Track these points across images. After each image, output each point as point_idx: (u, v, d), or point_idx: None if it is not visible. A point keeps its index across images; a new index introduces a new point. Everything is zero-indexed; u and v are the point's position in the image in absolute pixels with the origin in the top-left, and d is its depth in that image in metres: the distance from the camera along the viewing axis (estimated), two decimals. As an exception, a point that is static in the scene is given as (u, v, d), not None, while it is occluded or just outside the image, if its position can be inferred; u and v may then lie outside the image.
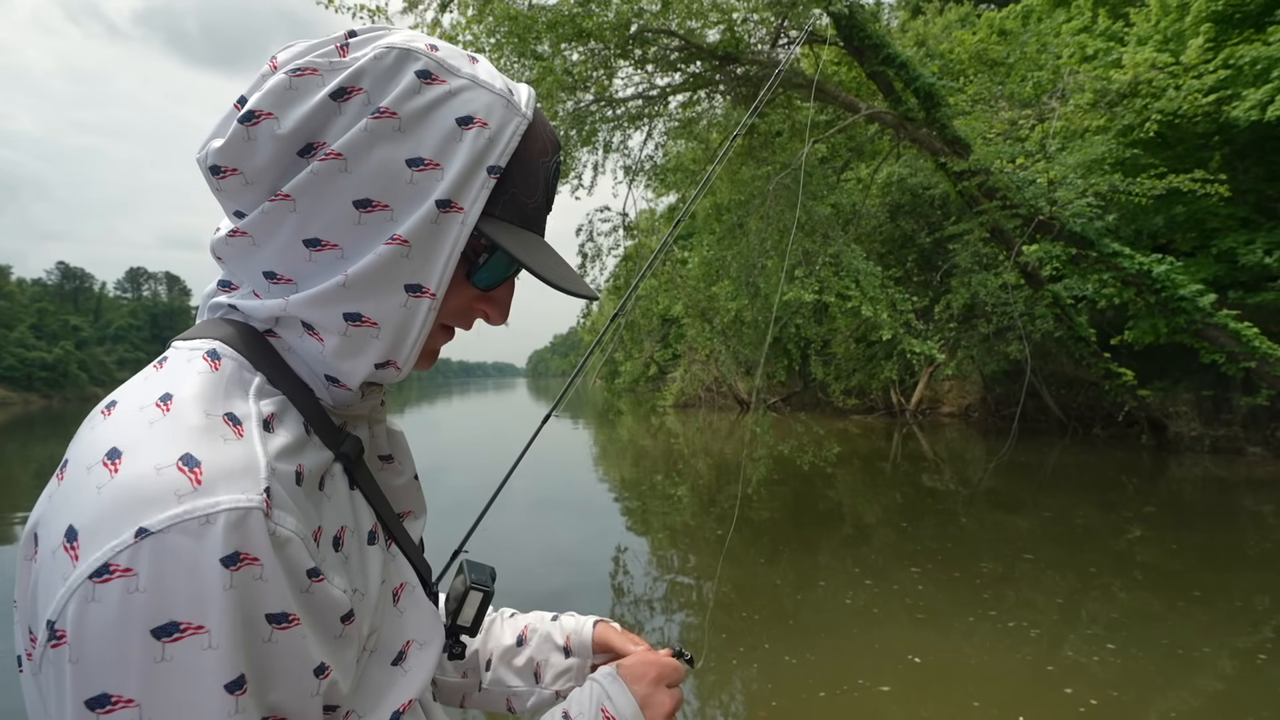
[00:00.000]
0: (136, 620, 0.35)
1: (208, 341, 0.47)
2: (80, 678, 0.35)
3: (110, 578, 0.35)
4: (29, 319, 70.28)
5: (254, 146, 0.46)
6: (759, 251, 6.80)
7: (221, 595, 0.36)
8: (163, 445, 0.39)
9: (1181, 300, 8.31)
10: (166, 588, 0.35)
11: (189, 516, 0.36)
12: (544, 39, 6.77)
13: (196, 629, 0.36)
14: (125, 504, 0.36)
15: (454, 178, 0.47)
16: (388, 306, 0.48)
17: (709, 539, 6.67)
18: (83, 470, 0.39)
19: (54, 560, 0.37)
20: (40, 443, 20.88)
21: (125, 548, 0.35)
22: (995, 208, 8.12)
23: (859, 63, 8.97)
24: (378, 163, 0.46)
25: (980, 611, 4.33)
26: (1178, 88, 8.39)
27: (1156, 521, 7.03)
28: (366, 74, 0.46)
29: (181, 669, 0.35)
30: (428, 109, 0.47)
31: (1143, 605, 4.48)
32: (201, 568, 0.36)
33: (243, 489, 0.39)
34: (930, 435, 15.14)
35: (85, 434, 0.42)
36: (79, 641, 0.35)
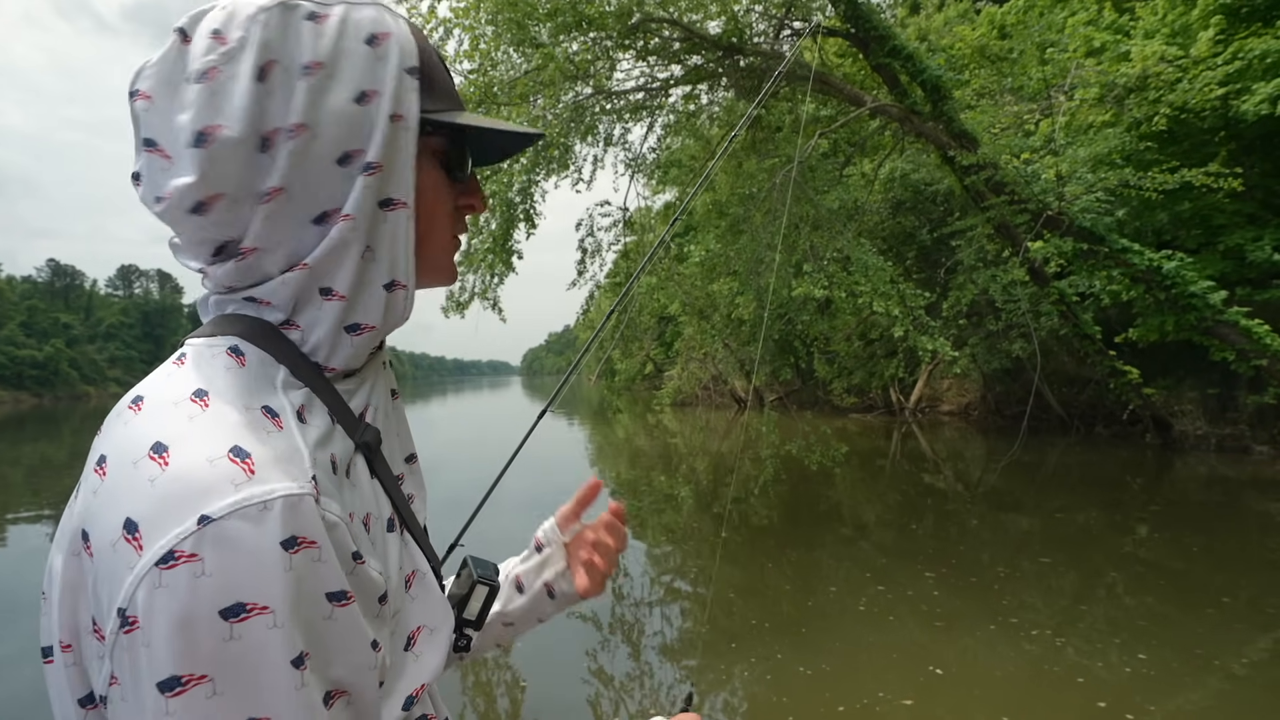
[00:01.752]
0: (205, 603, 0.36)
1: (228, 338, 0.48)
2: (154, 660, 0.36)
3: (176, 564, 0.36)
4: (19, 317, 69.55)
5: (224, 163, 0.45)
6: (765, 246, 6.62)
7: (283, 576, 0.38)
8: (209, 438, 0.40)
9: (1192, 297, 8.18)
10: (231, 571, 0.37)
11: (248, 503, 0.38)
12: (543, 27, 6.56)
13: (262, 609, 0.37)
14: (184, 494, 0.38)
15: (391, 93, 0.49)
16: (378, 230, 0.49)
17: (709, 540, 6.51)
18: (128, 465, 0.39)
19: (115, 552, 0.38)
20: (31, 442, 20.60)
21: (189, 535, 0.36)
22: (1003, 203, 7.96)
23: (864, 55, 8.80)
24: (334, 115, 0.47)
25: (1000, 619, 4.17)
26: (1192, 80, 8.24)
27: (1170, 523, 6.90)
28: (270, 44, 0.46)
29: (250, 647, 0.36)
30: (337, 44, 0.48)
31: (1168, 611, 4.33)
32: (263, 551, 0.37)
33: (293, 476, 0.40)
34: (930, 434, 15.03)
35: (119, 430, 0.43)
36: (150, 626, 0.36)
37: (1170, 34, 10.10)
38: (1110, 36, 10.61)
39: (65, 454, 16.97)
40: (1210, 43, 8.64)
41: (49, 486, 11.53)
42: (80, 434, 23.48)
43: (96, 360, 79.35)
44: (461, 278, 7.82)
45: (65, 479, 12.46)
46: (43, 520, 8.40)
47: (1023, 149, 8.48)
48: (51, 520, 8.34)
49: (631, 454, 14.22)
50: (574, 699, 3.55)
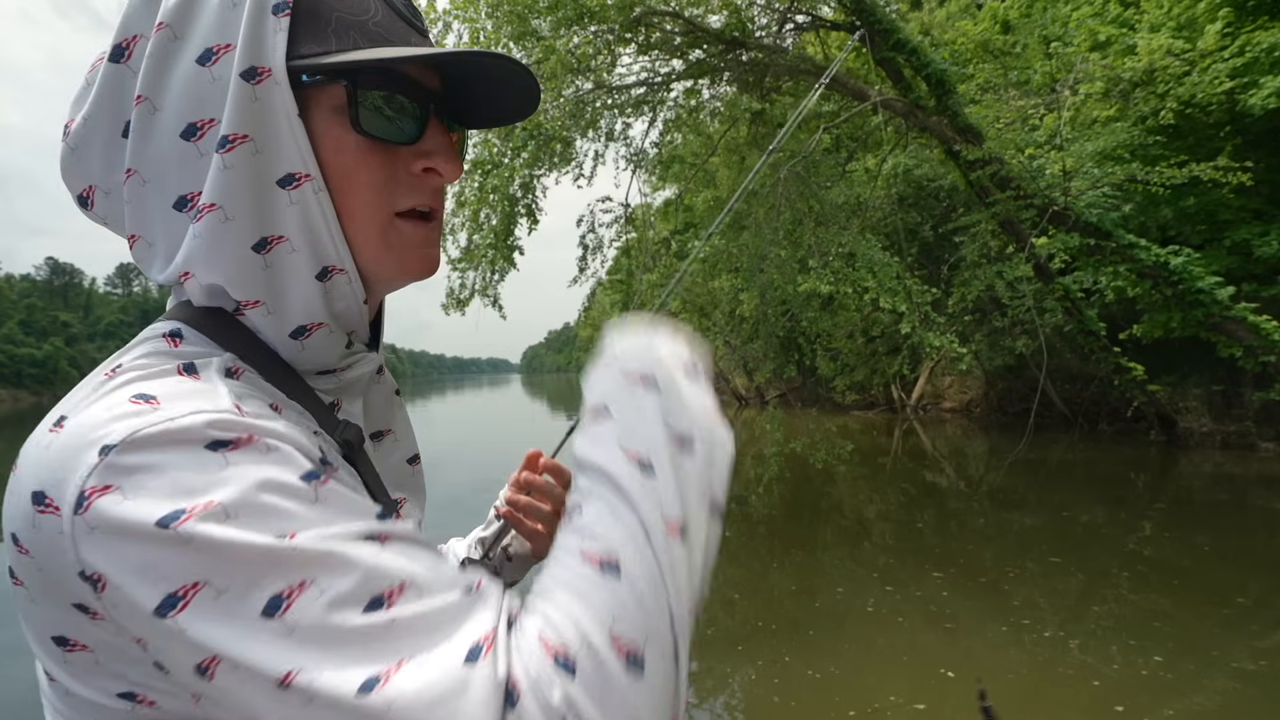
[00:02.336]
0: (141, 522, 0.33)
1: (171, 323, 0.44)
2: (138, 598, 0.33)
3: (90, 502, 0.33)
4: (18, 315, 69.45)
5: (80, 155, 0.44)
6: (768, 242, 6.54)
7: (221, 474, 0.34)
8: (108, 397, 0.37)
9: (1199, 293, 8.10)
10: (154, 485, 0.34)
11: (151, 427, 0.34)
12: (544, 20, 6.47)
13: (205, 506, 0.33)
14: (79, 440, 0.35)
15: (244, 43, 0.41)
16: (281, 213, 0.42)
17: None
18: (34, 445, 0.37)
19: (36, 531, 0.35)
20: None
21: (91, 470, 0.34)
22: (1008, 198, 7.88)
23: (868, 49, 8.71)
24: (178, 82, 0.41)
25: (1013, 620, 4.10)
26: (1204, 71, 8.15)
27: (1176, 521, 6.84)
28: (131, 19, 0.43)
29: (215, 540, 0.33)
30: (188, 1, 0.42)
31: (1180, 612, 4.26)
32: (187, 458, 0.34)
33: (208, 404, 0.36)
34: (932, 431, 14.97)
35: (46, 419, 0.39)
36: (112, 569, 0.33)
37: (1176, 27, 10.02)
38: (1115, 30, 10.52)
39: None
40: (1218, 36, 8.55)
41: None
42: (79, 432, 23.41)
43: (96, 359, 78.82)
44: (462, 274, 7.75)
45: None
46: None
47: (1028, 144, 8.38)
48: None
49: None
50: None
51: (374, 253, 0.46)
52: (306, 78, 0.42)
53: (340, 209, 0.44)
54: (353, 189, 0.44)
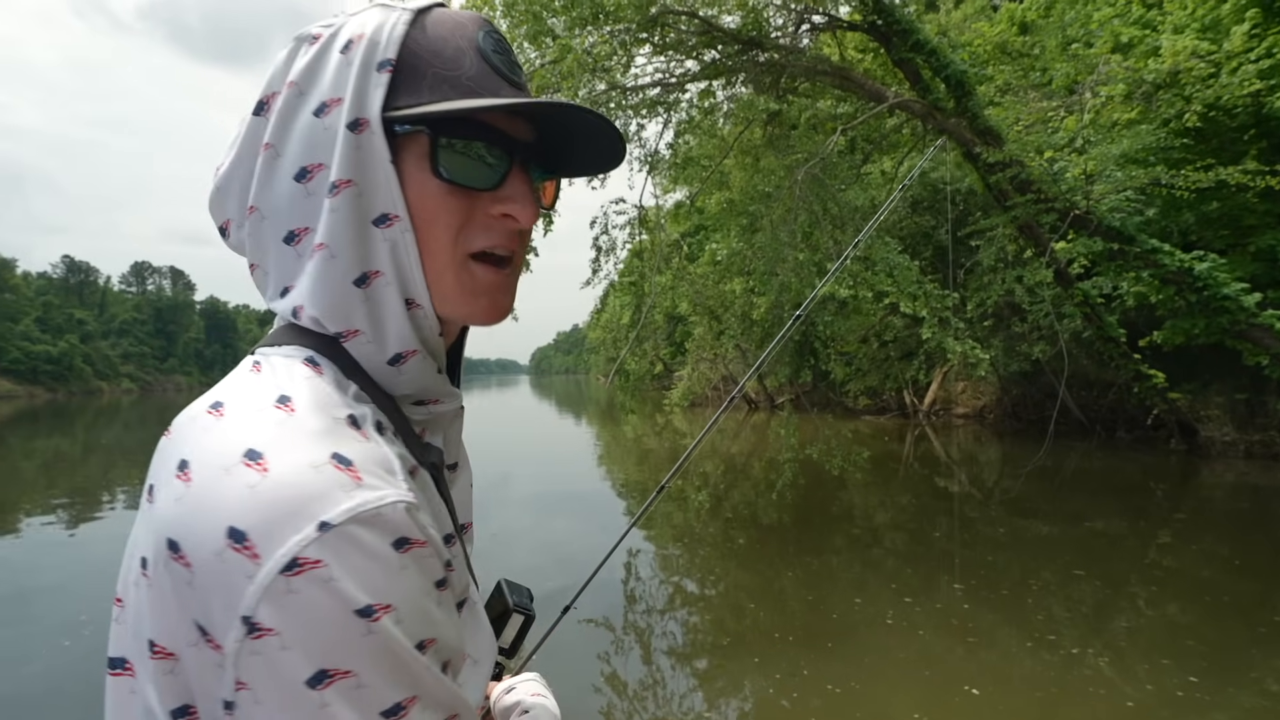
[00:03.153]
0: (338, 606, 0.37)
1: (303, 349, 0.48)
2: (295, 662, 0.36)
3: (302, 570, 0.36)
4: (34, 312, 70.25)
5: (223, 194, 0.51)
6: (785, 244, 6.44)
7: (399, 575, 0.39)
8: (306, 444, 0.40)
9: (1224, 299, 7.93)
10: (356, 574, 0.37)
11: (363, 509, 0.38)
12: (560, 20, 6.41)
13: (385, 607, 0.38)
14: (295, 500, 0.37)
15: (351, 98, 0.46)
16: (377, 250, 0.47)
17: (723, 544, 6.35)
18: (219, 471, 0.39)
19: (222, 562, 0.37)
20: (45, 436, 20.71)
21: (310, 542, 0.37)
22: (1029, 201, 7.74)
23: (885, 50, 8.60)
24: (297, 132, 0.47)
25: (1038, 635, 3.98)
26: (1233, 72, 7.97)
27: (1202, 533, 6.67)
28: (273, 78, 0.50)
29: (384, 641, 0.38)
30: (315, 61, 0.48)
31: (1213, 630, 4.13)
32: (381, 553, 0.39)
33: (395, 484, 0.41)
34: (945, 437, 14.79)
35: (200, 435, 0.42)
36: (288, 630, 0.36)
37: (1201, 29, 9.84)
38: (1138, 32, 10.35)
39: (78, 449, 17.06)
40: (1244, 37, 8.37)
41: (62, 480, 11.56)
42: (93, 429, 23.62)
43: (110, 356, 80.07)
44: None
45: (78, 473, 12.50)
46: (55, 513, 8.40)
47: (1048, 146, 8.24)
48: (64, 513, 8.37)
49: (640, 454, 14.07)
50: (587, 707, 3.41)
51: (447, 291, 0.50)
52: (398, 127, 0.47)
53: (422, 248, 0.48)
54: (433, 230, 0.48)
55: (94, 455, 15.56)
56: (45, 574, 5.75)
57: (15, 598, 5.11)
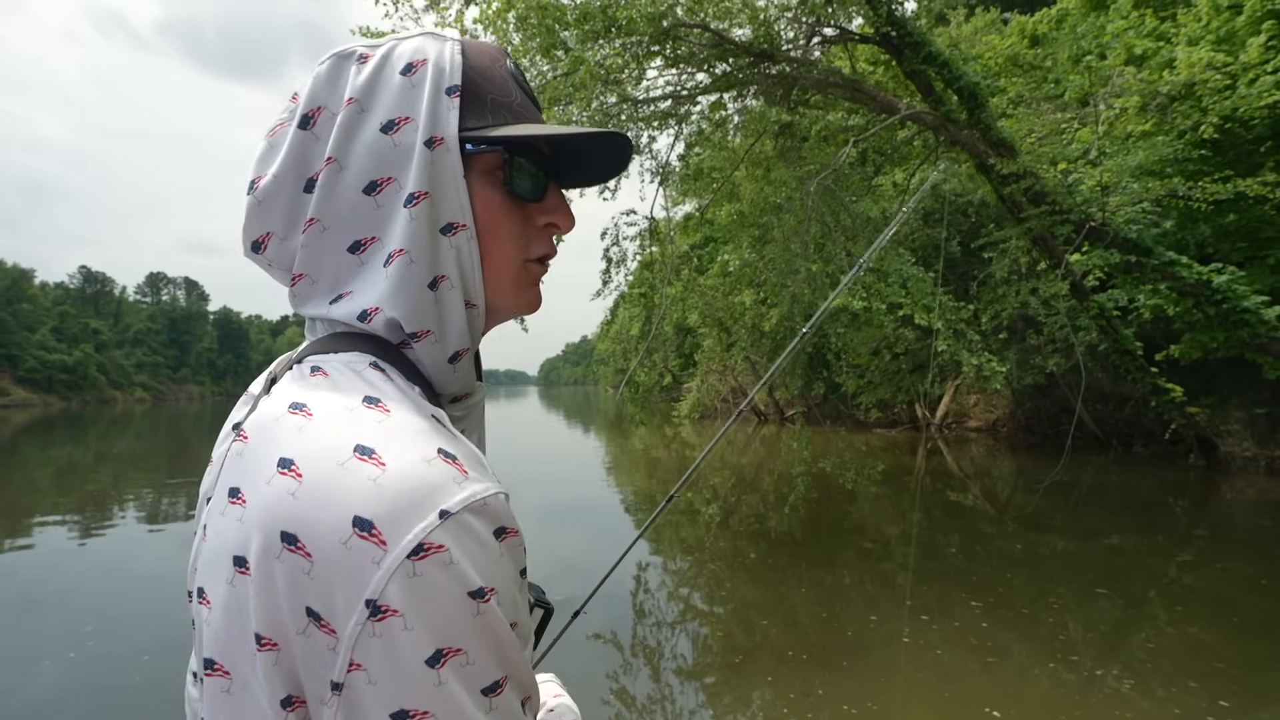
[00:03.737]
0: (458, 587, 0.40)
1: (365, 355, 0.50)
2: (416, 641, 0.39)
3: (427, 554, 0.39)
4: (51, 322, 71.22)
5: (266, 207, 0.52)
6: (797, 255, 6.40)
7: (499, 561, 0.43)
8: (412, 440, 0.43)
9: (1244, 312, 7.80)
10: (471, 558, 0.41)
11: (474, 499, 0.42)
12: (572, 32, 6.44)
13: (492, 590, 0.41)
14: (417, 491, 0.40)
15: (426, 117, 0.50)
16: (445, 256, 0.51)
17: (733, 558, 6.26)
18: (334, 466, 0.41)
19: (348, 550, 0.39)
20: (59, 445, 20.88)
21: (434, 528, 0.40)
22: (1043, 213, 7.67)
23: (897, 62, 8.59)
24: (363, 146, 0.50)
25: (1061, 656, 3.88)
26: (1251, 83, 7.90)
27: (1227, 551, 6.52)
28: (317, 93, 0.52)
29: (490, 621, 0.41)
30: (374, 79, 0.51)
31: (1245, 653, 4.00)
32: (487, 540, 0.42)
33: (491, 478, 0.45)
34: (957, 451, 14.62)
35: (294, 435, 0.43)
36: (411, 611, 0.39)
37: (1215, 41, 9.78)
38: (1152, 44, 10.30)
39: (91, 457, 17.17)
40: (1261, 49, 8.31)
41: (75, 488, 11.62)
42: (106, 438, 23.78)
43: (124, 365, 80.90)
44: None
45: (90, 481, 12.56)
46: (68, 521, 8.42)
47: (1062, 158, 8.18)
48: (75, 522, 8.39)
49: (649, 465, 13.98)
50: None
51: (506, 290, 0.55)
52: (470, 146, 0.52)
53: (484, 254, 0.53)
54: (496, 238, 0.54)
55: (105, 463, 15.65)
56: (53, 583, 5.74)
57: (23, 607, 5.10)
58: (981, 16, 20.19)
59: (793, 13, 8.07)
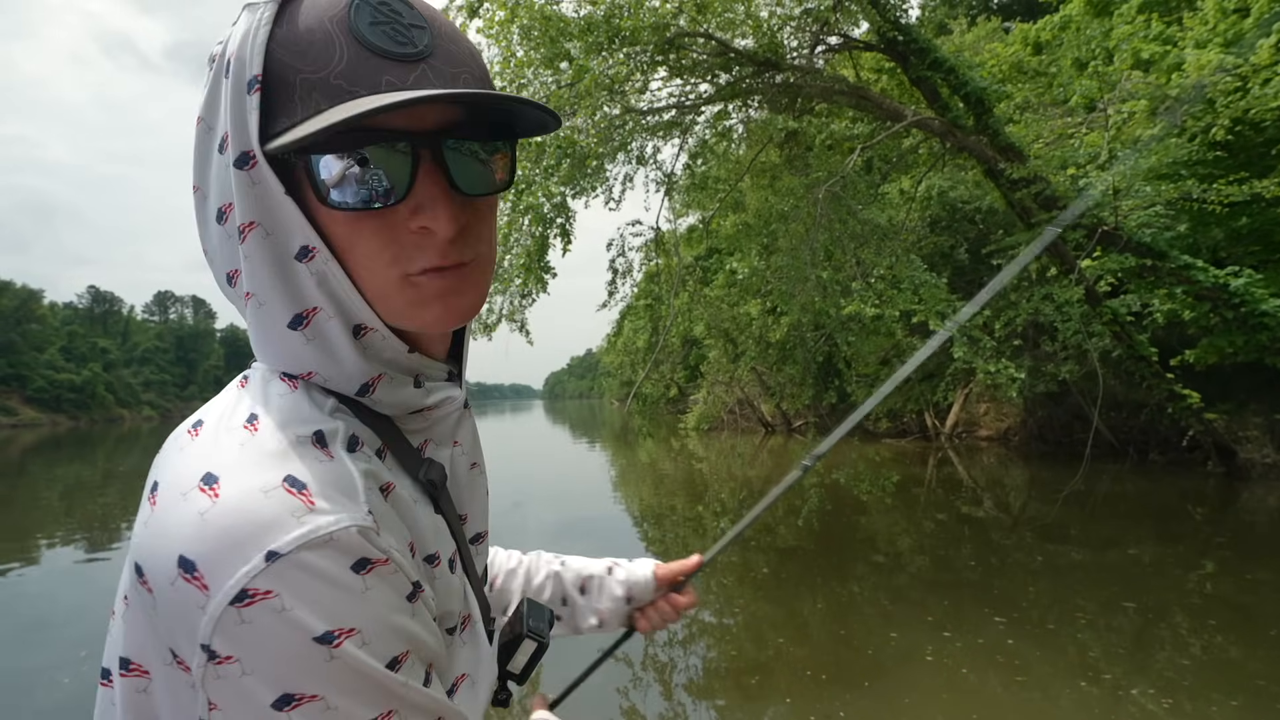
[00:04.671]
0: (295, 634, 0.36)
1: None
2: (259, 685, 0.36)
3: (253, 601, 0.36)
4: (59, 341, 71.69)
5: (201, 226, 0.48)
6: (808, 263, 6.31)
7: (361, 598, 0.38)
8: (260, 467, 0.39)
9: (1263, 316, 7.66)
10: (311, 601, 0.37)
11: (314, 535, 0.37)
12: (576, 43, 6.42)
13: (348, 632, 0.37)
14: (242, 529, 0.37)
15: (232, 129, 0.41)
16: (305, 286, 0.44)
17: (746, 571, 6.11)
18: (177, 496, 0.38)
19: (175, 591, 0.37)
20: (66, 463, 20.89)
21: (259, 572, 0.36)
22: (1054, 218, 7.56)
23: (902, 68, 8.55)
24: (212, 171, 0.44)
25: (1091, 675, 3.72)
26: (1265, 84, 7.81)
27: (1261, 563, 6.33)
28: None
29: (348, 664, 0.37)
30: (212, 87, 0.43)
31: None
32: (336, 579, 0.38)
33: (350, 508, 0.40)
34: (970, 460, 14.42)
35: (174, 456, 0.41)
36: (247, 656, 0.36)
37: (1223, 44, 9.71)
38: (1159, 48, 10.24)
39: (99, 476, 17.15)
40: (1272, 50, 8.23)
41: (82, 508, 11.58)
42: (114, 456, 23.80)
43: (131, 384, 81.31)
44: (489, 299, 7.59)
45: (98, 500, 12.52)
46: (75, 541, 8.39)
47: (1070, 162, 8.09)
48: (84, 540, 8.40)
49: (656, 479, 13.83)
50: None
51: (397, 310, 0.46)
52: (282, 155, 0.41)
53: (353, 274, 0.44)
54: (355, 259, 0.44)
55: (112, 483, 15.61)
56: (53, 605, 5.68)
57: (22, 630, 5.03)
58: (983, 25, 20.23)
59: (796, 21, 8.05)
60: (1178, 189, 7.53)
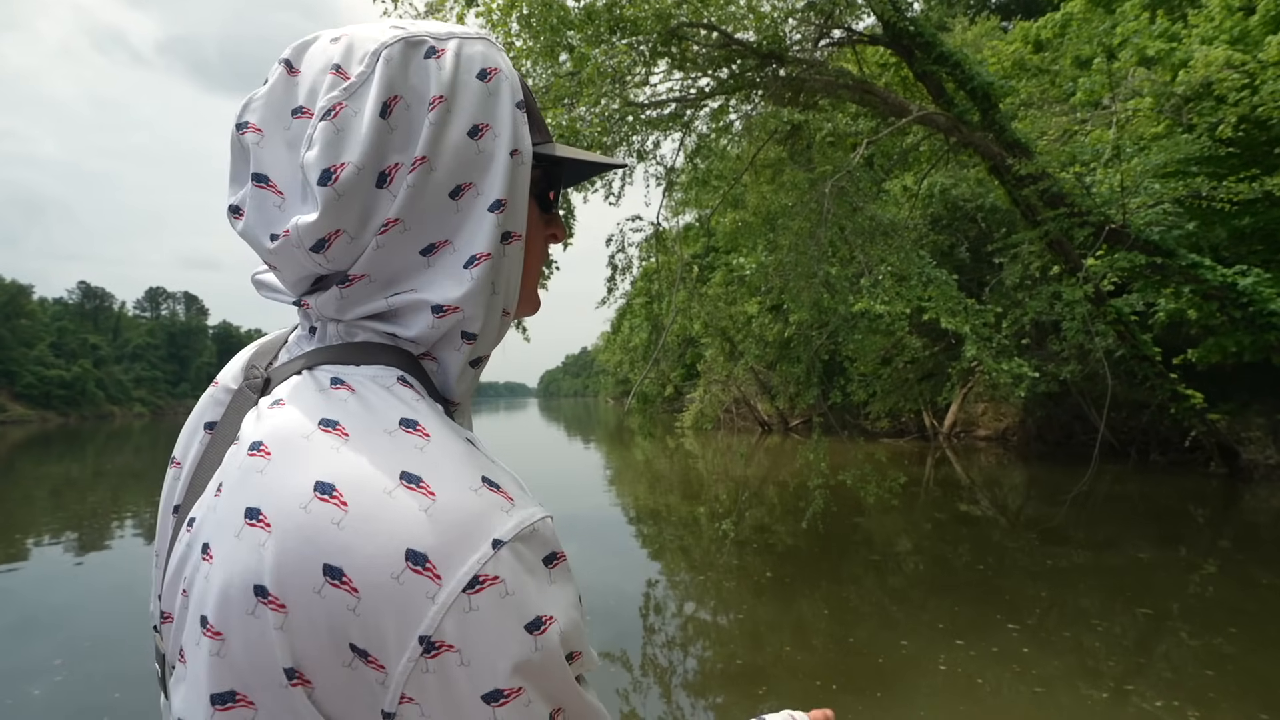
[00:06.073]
0: (515, 619, 0.38)
1: (390, 369, 0.48)
2: (474, 677, 0.38)
3: (482, 587, 0.38)
4: (49, 337, 70.98)
5: (348, 200, 0.46)
6: (814, 259, 6.16)
7: (552, 589, 0.41)
8: (456, 468, 0.41)
9: (1271, 315, 7.57)
10: (526, 588, 0.39)
11: (523, 526, 0.40)
12: (577, 34, 6.25)
13: (549, 619, 0.40)
14: (468, 522, 0.39)
15: (507, 129, 0.50)
16: (499, 264, 0.50)
17: (750, 576, 5.98)
18: (380, 495, 0.39)
19: (400, 585, 0.38)
20: (56, 461, 20.59)
21: (488, 559, 0.38)
22: (1061, 215, 7.45)
23: (907, 63, 8.42)
24: (451, 148, 0.48)
25: (1112, 685, 3.60)
26: (1275, 81, 7.72)
27: (1267, 563, 6.23)
28: (394, 80, 0.47)
29: (549, 654, 0.39)
30: (456, 79, 0.49)
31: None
32: (539, 568, 0.41)
33: (534, 503, 0.43)
34: (969, 461, 14.34)
35: (329, 456, 0.41)
36: (467, 647, 0.37)
37: (1229, 40, 9.63)
38: (1164, 45, 10.16)
39: (89, 473, 16.88)
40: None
41: (72, 505, 11.36)
42: (104, 453, 23.50)
43: (122, 380, 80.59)
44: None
45: (88, 497, 12.28)
46: (64, 539, 8.21)
47: (1078, 158, 7.98)
48: (74, 539, 8.18)
49: (652, 478, 13.70)
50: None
51: (527, 296, 0.56)
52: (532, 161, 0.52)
53: (525, 264, 0.53)
54: (534, 248, 0.55)
55: (103, 480, 15.37)
56: (52, 600, 5.56)
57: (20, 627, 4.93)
58: (982, 24, 20.15)
59: (800, 15, 7.90)
60: (1187, 186, 7.43)
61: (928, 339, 13.67)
